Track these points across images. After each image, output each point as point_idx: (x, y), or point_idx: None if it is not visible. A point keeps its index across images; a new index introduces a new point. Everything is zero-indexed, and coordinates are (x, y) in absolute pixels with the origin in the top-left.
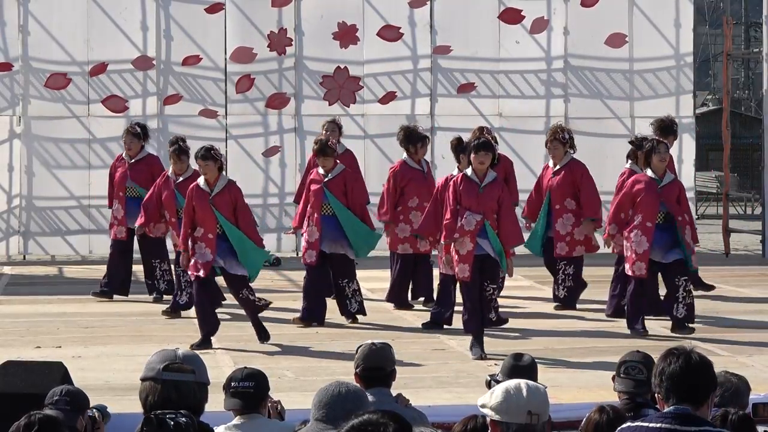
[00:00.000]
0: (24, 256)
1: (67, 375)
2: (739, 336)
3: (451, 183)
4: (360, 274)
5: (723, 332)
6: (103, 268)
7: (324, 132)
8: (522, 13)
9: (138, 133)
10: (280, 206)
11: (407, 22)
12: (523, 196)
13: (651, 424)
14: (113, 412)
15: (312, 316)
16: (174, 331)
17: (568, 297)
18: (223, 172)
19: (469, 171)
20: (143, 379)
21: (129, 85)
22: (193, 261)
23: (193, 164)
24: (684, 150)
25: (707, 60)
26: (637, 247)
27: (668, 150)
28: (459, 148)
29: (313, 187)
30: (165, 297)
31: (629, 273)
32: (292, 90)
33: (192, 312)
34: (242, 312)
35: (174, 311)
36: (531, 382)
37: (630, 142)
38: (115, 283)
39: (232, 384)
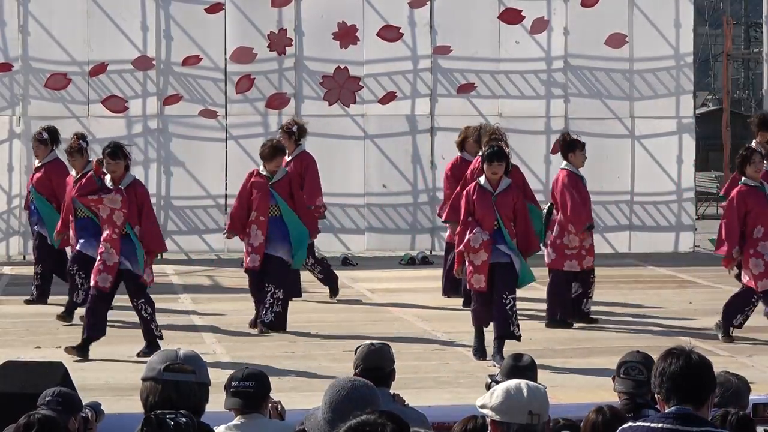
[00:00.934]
0: (24, 257)
1: (67, 375)
2: (740, 336)
3: (464, 193)
4: (362, 274)
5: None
6: None
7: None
8: (522, 14)
9: (45, 139)
10: None
11: (407, 23)
12: None
13: (653, 424)
14: (114, 412)
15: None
16: (174, 332)
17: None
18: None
19: (482, 180)
20: (144, 379)
21: (129, 86)
22: (95, 267)
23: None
24: (684, 150)
25: (707, 60)
26: None
27: (762, 159)
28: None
29: (257, 190)
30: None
31: (759, 288)
32: (292, 90)
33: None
34: (245, 312)
35: (69, 314)
36: (531, 383)
37: (562, 139)
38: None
39: (233, 383)
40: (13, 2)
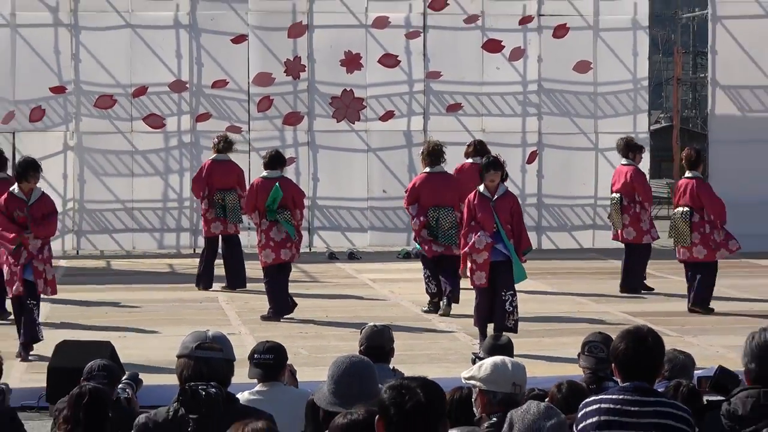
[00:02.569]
0: (77, 252)
1: (114, 352)
2: (686, 320)
3: (467, 200)
4: (365, 266)
5: (672, 316)
6: (145, 261)
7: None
8: (502, 44)
9: None
10: None
11: (404, 51)
12: None
13: (613, 396)
14: (153, 384)
15: (281, 311)
16: (206, 315)
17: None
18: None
19: (481, 188)
20: (179, 356)
21: (166, 105)
22: (9, 276)
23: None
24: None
25: (660, 84)
26: None
27: None
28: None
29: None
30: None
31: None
32: (305, 109)
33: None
34: (264, 299)
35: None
36: (514, 359)
37: (626, 143)
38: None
39: (255, 356)
40: (67, 34)
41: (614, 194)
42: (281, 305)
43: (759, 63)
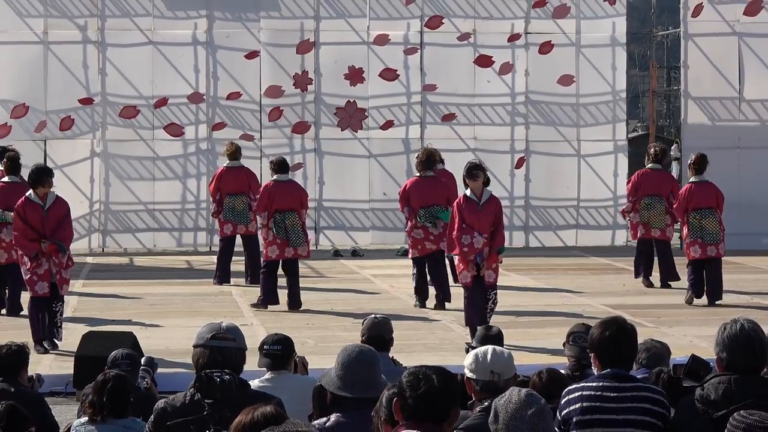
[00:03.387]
0: (102, 249)
1: (136, 342)
2: (662, 312)
3: (455, 204)
4: (367, 263)
5: (649, 309)
6: (165, 258)
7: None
8: (492, 59)
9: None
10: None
11: (402, 66)
12: None
13: (594, 383)
14: (171, 371)
15: (269, 300)
16: (221, 307)
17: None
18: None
19: (468, 192)
20: (195, 346)
21: (185, 115)
22: (29, 276)
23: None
24: (619, 166)
25: (637, 96)
26: None
27: None
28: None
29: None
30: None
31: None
32: (312, 119)
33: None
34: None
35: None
36: (498, 348)
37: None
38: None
39: (264, 347)
40: (94, 50)
41: (650, 197)
42: (269, 297)
43: (726, 76)
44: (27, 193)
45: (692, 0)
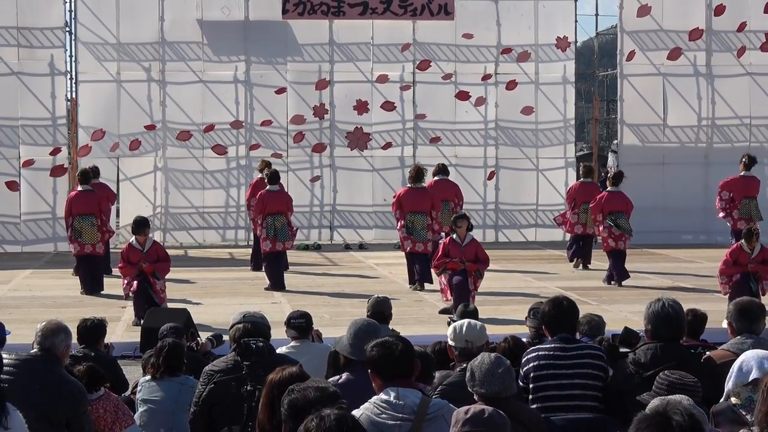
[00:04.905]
0: (163, 243)
1: (189, 316)
2: (602, 293)
3: (441, 244)
4: (371, 254)
5: (592, 290)
6: (212, 251)
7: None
8: (469, 94)
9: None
10: (321, 212)
11: (399, 99)
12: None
13: (547, 346)
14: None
15: (277, 285)
16: (256, 290)
17: None
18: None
19: (454, 236)
20: (232, 325)
21: (228, 138)
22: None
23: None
24: (569, 178)
25: (583, 123)
26: None
27: None
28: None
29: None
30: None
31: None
32: (328, 141)
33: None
34: (297, 278)
35: None
36: (473, 321)
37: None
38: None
39: (291, 321)
40: (157, 87)
41: (586, 203)
42: (277, 282)
43: (653, 107)
44: (130, 240)
45: (627, 47)
